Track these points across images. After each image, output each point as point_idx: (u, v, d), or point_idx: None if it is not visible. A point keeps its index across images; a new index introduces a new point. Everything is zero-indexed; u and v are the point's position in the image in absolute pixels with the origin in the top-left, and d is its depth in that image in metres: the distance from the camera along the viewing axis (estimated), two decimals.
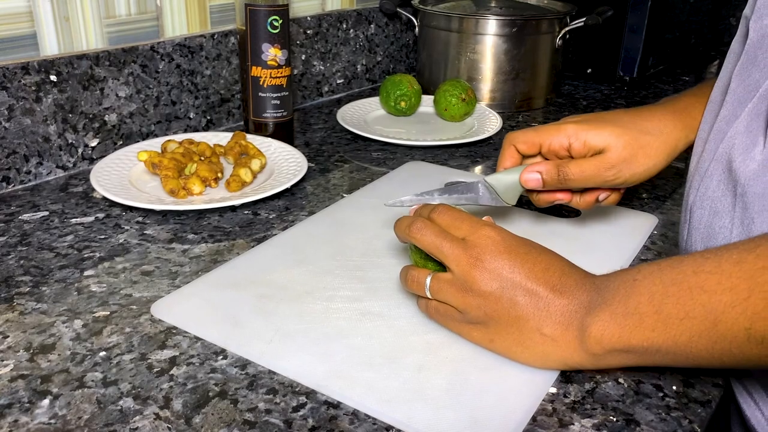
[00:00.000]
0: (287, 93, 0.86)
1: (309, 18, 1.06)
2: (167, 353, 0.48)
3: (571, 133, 0.56)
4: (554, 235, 0.65)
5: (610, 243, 0.64)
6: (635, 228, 0.67)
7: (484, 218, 0.52)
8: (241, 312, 0.52)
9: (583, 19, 1.06)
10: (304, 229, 0.66)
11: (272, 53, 0.83)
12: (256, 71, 0.83)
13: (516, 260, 0.45)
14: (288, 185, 0.73)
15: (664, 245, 0.66)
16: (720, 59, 1.54)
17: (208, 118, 0.94)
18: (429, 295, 0.48)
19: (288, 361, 0.47)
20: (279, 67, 0.84)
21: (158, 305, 0.53)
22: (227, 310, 0.52)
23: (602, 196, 0.60)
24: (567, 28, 1.07)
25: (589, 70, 1.25)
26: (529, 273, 0.44)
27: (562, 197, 0.59)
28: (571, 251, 0.61)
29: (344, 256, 0.61)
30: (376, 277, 0.57)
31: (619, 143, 0.55)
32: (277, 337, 0.49)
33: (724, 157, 0.48)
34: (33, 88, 0.73)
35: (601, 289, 0.43)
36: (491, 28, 1.03)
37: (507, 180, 0.58)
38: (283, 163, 0.80)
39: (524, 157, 0.61)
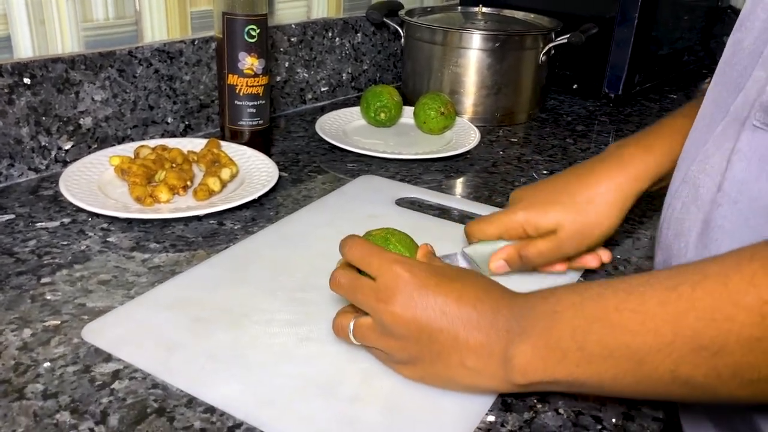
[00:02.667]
0: (264, 102, 0.86)
1: (294, 26, 1.06)
2: (112, 366, 0.48)
3: (522, 222, 0.58)
4: None
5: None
6: None
7: (422, 246, 0.53)
8: (175, 337, 0.51)
9: (567, 36, 1.06)
10: (248, 247, 0.65)
11: (249, 62, 0.83)
12: (232, 79, 0.84)
13: (428, 296, 0.44)
14: (255, 196, 0.73)
15: (626, 270, 0.66)
16: (711, 77, 1.54)
17: (187, 123, 0.94)
18: (354, 341, 0.48)
19: (218, 390, 0.46)
20: (256, 76, 0.84)
21: (90, 328, 0.52)
22: (160, 334, 0.51)
23: (591, 263, 0.61)
24: (551, 45, 1.07)
25: (575, 86, 1.25)
26: (443, 307, 0.44)
27: (560, 268, 0.61)
28: (512, 276, 0.61)
29: (287, 277, 0.60)
30: (317, 300, 0.56)
31: (567, 221, 0.57)
32: (209, 365, 0.48)
33: (692, 179, 0.47)
34: (5, 90, 0.74)
35: (519, 317, 0.42)
36: (475, 43, 1.03)
37: (486, 251, 0.60)
38: (255, 172, 0.80)
39: None
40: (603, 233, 0.58)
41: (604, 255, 0.62)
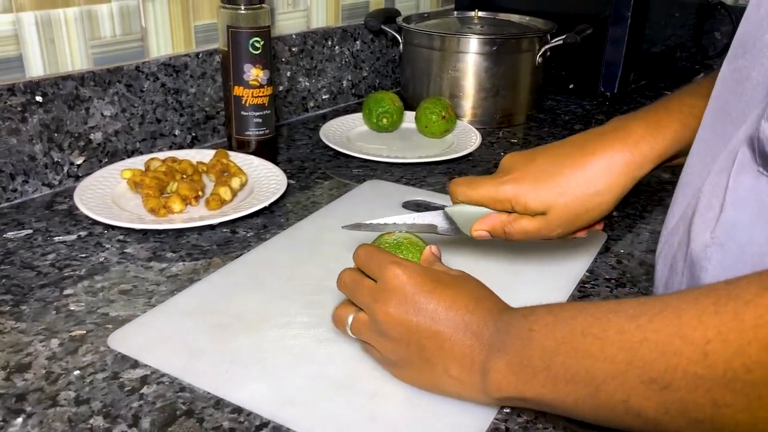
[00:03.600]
0: (269, 111, 0.88)
1: (294, 36, 1.08)
2: (139, 372, 0.50)
3: (510, 197, 0.55)
4: (502, 255, 0.67)
5: (558, 261, 0.66)
6: (583, 244, 0.69)
7: (426, 249, 0.53)
8: (197, 342, 0.53)
9: (562, 37, 1.09)
10: (261, 253, 0.67)
11: (254, 73, 0.85)
12: (238, 91, 0.86)
13: (420, 301, 0.45)
14: (266, 204, 0.75)
15: (629, 264, 0.68)
16: (705, 72, 1.56)
17: (193, 134, 0.96)
18: (350, 334, 0.50)
19: (243, 391, 0.48)
20: (261, 86, 0.86)
21: (115, 336, 0.54)
22: (183, 340, 0.53)
23: (579, 234, 0.58)
24: (547, 46, 1.10)
25: (571, 86, 1.27)
26: (433, 314, 0.44)
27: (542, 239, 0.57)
28: (519, 272, 0.63)
29: (301, 281, 0.62)
30: (332, 302, 0.57)
31: (559, 205, 0.54)
32: (233, 368, 0.50)
33: (688, 217, 0.46)
34: (19, 108, 0.76)
35: (502, 332, 0.42)
36: (472, 47, 1.06)
37: (468, 213, 0.58)
38: (263, 180, 0.82)
39: None
40: (595, 218, 0.55)
41: (596, 225, 0.58)
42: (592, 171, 0.53)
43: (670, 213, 0.50)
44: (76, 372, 0.50)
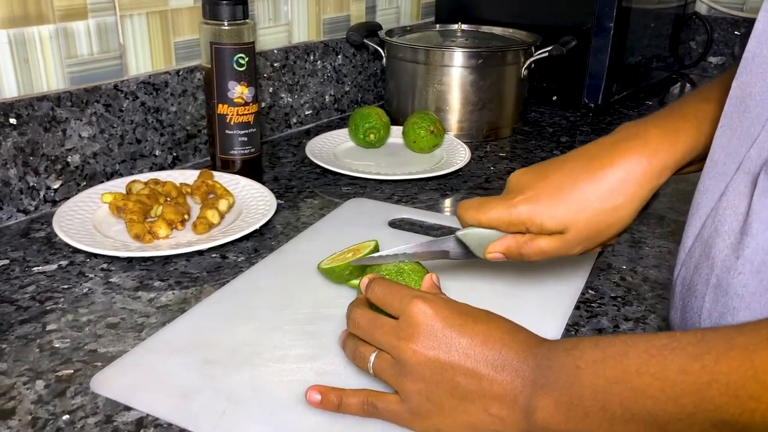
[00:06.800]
0: (254, 129, 0.85)
1: (276, 51, 1.05)
2: (134, 414, 0.47)
3: (525, 219, 0.52)
4: (498, 277, 0.64)
5: (556, 280, 0.64)
6: (577, 262, 0.68)
7: (426, 276, 0.51)
8: (190, 381, 0.49)
9: (548, 49, 1.08)
10: (249, 280, 0.64)
11: (239, 91, 0.82)
12: (222, 109, 0.83)
13: (451, 337, 0.42)
14: (256, 226, 0.72)
15: (633, 280, 0.66)
16: (681, 82, 1.58)
17: (174, 154, 0.93)
18: (371, 372, 0.46)
19: None
20: (246, 104, 0.83)
21: (98, 379, 0.50)
22: (173, 380, 0.50)
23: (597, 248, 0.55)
24: (532, 59, 1.09)
25: (554, 98, 1.26)
26: (467, 350, 0.41)
27: None
28: (517, 293, 0.62)
29: (292, 309, 0.59)
30: (328, 331, 0.55)
31: (579, 223, 0.51)
32: (230, 408, 0.47)
33: (704, 238, 0.45)
34: None
35: (544, 368, 0.40)
36: (457, 60, 1.04)
37: (480, 235, 0.55)
38: (251, 201, 0.79)
39: None
40: (615, 233, 0.52)
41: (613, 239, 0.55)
42: (610, 183, 0.50)
43: (685, 234, 0.48)
44: (65, 417, 0.47)
